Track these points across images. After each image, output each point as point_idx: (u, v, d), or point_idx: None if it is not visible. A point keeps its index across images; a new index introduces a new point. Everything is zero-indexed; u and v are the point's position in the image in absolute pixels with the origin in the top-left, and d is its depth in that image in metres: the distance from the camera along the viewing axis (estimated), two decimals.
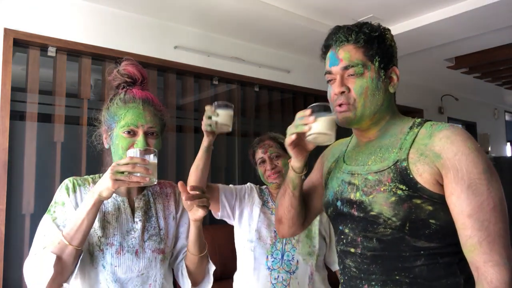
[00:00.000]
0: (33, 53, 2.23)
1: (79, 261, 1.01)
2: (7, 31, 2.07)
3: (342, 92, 0.98)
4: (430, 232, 0.89)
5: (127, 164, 0.95)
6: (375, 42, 0.98)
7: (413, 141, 0.94)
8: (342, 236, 1.01)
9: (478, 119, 5.91)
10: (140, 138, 1.06)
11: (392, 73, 1.01)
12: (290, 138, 0.99)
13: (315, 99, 3.39)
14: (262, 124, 3.32)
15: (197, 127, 2.94)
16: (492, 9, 2.58)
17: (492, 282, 0.81)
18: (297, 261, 1.55)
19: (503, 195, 0.86)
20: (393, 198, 0.90)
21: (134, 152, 0.99)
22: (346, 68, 0.98)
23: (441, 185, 0.88)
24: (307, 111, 0.97)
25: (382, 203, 0.91)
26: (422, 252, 0.90)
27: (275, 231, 1.59)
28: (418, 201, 0.88)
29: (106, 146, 1.15)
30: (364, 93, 0.97)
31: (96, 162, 2.41)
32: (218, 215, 1.66)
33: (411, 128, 0.98)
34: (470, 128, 5.86)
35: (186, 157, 2.79)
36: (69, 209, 1.07)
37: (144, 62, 2.55)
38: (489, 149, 5.95)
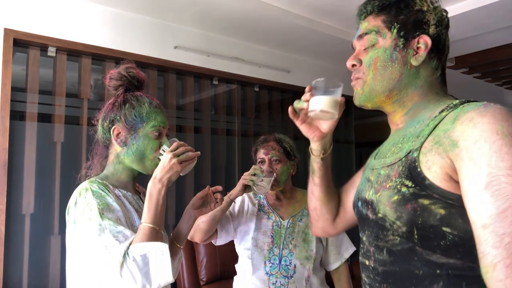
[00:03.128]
0: (33, 53, 2.23)
1: None
2: (7, 31, 2.07)
3: (354, 66, 0.89)
4: (447, 244, 0.69)
5: (179, 148, 1.09)
6: (393, 8, 0.85)
7: (435, 127, 0.76)
8: (361, 245, 0.89)
9: None
10: (165, 139, 1.17)
11: (420, 42, 0.84)
12: (289, 109, 0.99)
13: None
14: (262, 124, 3.32)
15: (197, 127, 2.94)
16: (492, 9, 2.58)
17: None
18: (295, 265, 1.55)
19: None
20: (396, 197, 0.75)
21: (169, 145, 1.13)
22: (360, 37, 0.89)
23: (457, 183, 0.69)
24: (308, 87, 0.95)
25: (385, 203, 0.77)
26: (439, 271, 0.70)
27: (271, 236, 1.60)
28: (426, 202, 0.70)
29: (121, 145, 1.14)
30: (373, 64, 0.85)
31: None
32: (216, 242, 1.65)
33: (441, 112, 0.79)
34: None
35: None
36: (115, 208, 1.03)
37: (144, 62, 2.55)
38: None
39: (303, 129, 1.01)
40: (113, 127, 1.15)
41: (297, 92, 3.47)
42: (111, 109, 1.17)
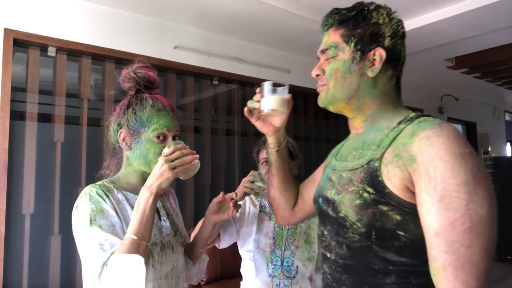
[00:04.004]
0: (33, 53, 2.23)
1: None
2: (7, 31, 2.07)
3: (318, 75, 0.98)
4: (400, 245, 0.79)
5: (174, 152, 1.03)
6: (350, 22, 0.92)
7: (394, 139, 0.84)
8: (323, 238, 0.98)
9: (478, 119, 5.91)
10: (170, 142, 1.12)
11: (376, 55, 0.91)
12: (245, 109, 1.08)
13: (315, 98, 3.38)
14: None
15: (197, 127, 2.94)
16: (492, 9, 2.58)
17: None
18: (297, 266, 1.55)
19: (490, 214, 0.71)
20: (358, 201, 0.83)
21: (168, 148, 1.07)
22: (322, 51, 0.97)
23: (414, 193, 0.77)
24: (258, 89, 1.06)
25: (347, 205, 0.85)
26: (391, 267, 0.80)
27: (273, 238, 1.59)
28: (385, 208, 0.79)
29: (126, 148, 1.15)
30: (334, 74, 0.93)
31: (96, 162, 2.42)
32: (219, 245, 1.65)
33: (399, 123, 0.87)
34: (470, 128, 5.86)
35: None
36: (109, 214, 1.04)
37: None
38: (489, 149, 5.95)
39: (258, 125, 1.11)
40: (120, 131, 1.15)
41: (297, 92, 3.47)
42: (119, 112, 1.17)
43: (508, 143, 7.17)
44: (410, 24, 2.89)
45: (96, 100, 2.56)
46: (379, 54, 0.90)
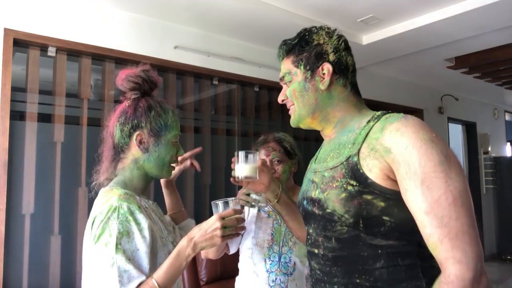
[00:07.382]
0: (33, 53, 2.23)
1: None
2: (7, 31, 2.07)
3: (283, 100, 1.10)
4: (386, 229, 0.87)
5: (231, 219, 1.04)
6: (295, 49, 1.05)
7: (367, 135, 0.93)
8: (308, 237, 1.04)
9: (478, 119, 5.91)
10: (179, 146, 1.19)
11: (324, 69, 1.02)
12: (231, 179, 1.22)
13: None
14: (262, 124, 3.32)
15: (197, 127, 2.94)
16: (492, 9, 2.58)
17: (449, 277, 0.76)
18: (294, 263, 1.54)
19: (466, 187, 0.80)
20: (344, 194, 0.90)
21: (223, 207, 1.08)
22: (281, 79, 1.10)
23: (394, 181, 0.85)
24: (233, 159, 1.21)
25: (334, 200, 0.92)
26: (380, 251, 0.87)
27: (271, 234, 1.59)
28: (369, 197, 0.87)
29: (143, 151, 1.12)
30: (294, 95, 1.05)
31: (96, 162, 2.41)
32: (229, 252, 1.66)
33: (368, 122, 0.97)
34: (470, 128, 5.86)
35: None
36: (135, 237, 1.01)
37: (144, 62, 2.55)
38: (489, 149, 5.95)
39: (250, 187, 1.23)
40: (137, 133, 1.12)
41: None
42: (133, 113, 1.12)
43: (508, 143, 7.17)
44: (410, 24, 2.89)
45: (96, 100, 2.56)
46: (326, 68, 1.01)
